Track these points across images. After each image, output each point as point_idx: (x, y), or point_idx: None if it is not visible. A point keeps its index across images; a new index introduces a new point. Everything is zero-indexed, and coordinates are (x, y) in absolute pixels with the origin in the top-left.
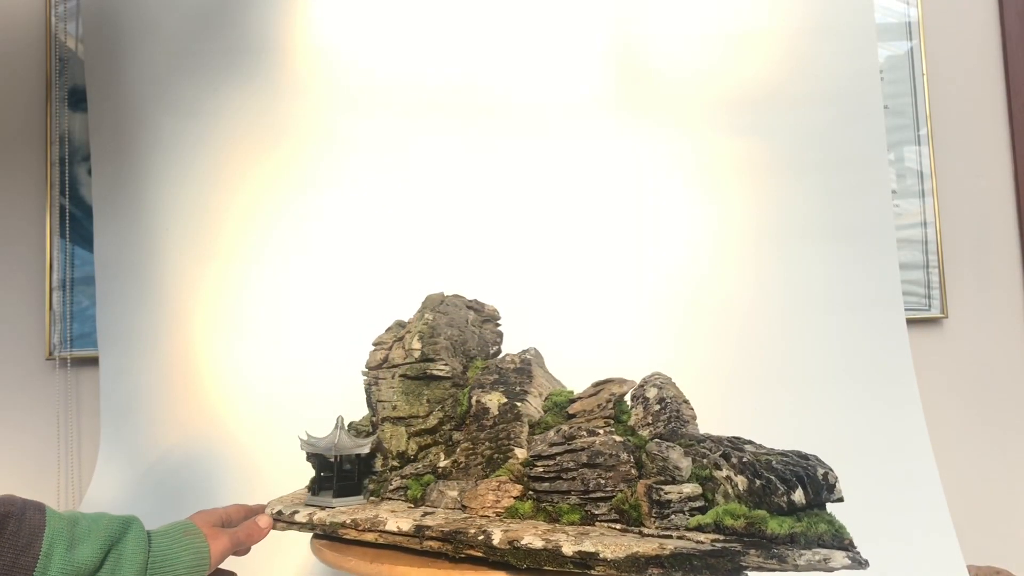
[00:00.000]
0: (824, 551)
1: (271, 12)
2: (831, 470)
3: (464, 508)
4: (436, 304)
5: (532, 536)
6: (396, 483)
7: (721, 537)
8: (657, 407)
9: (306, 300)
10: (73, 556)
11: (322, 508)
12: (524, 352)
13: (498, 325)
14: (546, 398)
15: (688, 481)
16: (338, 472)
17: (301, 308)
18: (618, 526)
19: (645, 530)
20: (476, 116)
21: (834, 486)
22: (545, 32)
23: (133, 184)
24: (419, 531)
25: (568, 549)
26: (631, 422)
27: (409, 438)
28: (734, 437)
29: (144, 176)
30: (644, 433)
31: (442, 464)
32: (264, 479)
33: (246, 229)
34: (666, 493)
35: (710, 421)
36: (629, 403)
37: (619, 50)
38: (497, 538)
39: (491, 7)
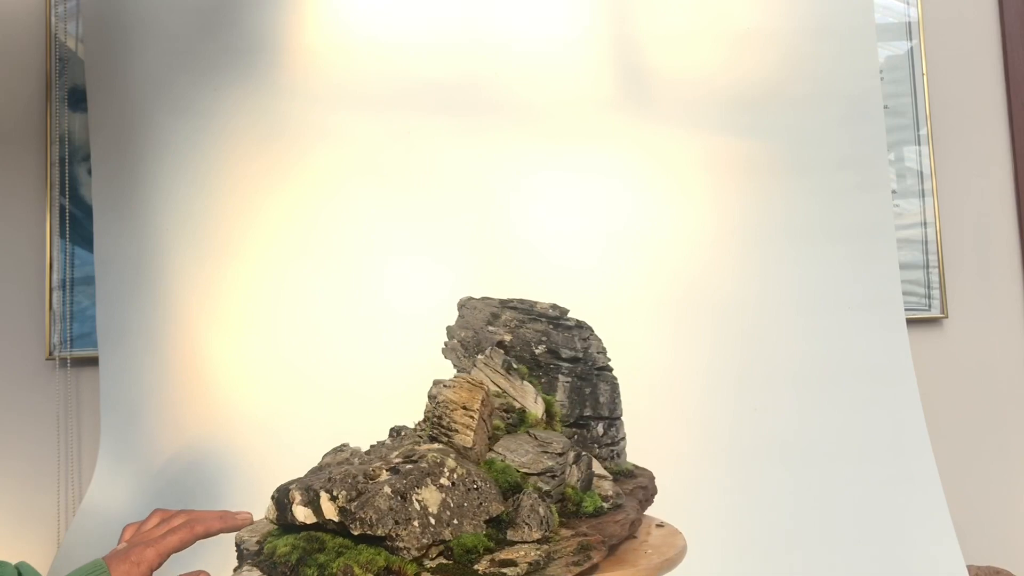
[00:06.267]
0: None
1: (271, 11)
2: (343, 490)
3: None
4: (459, 308)
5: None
6: None
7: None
8: (429, 412)
9: (308, 299)
10: None
11: None
12: (489, 352)
13: (552, 325)
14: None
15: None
16: None
17: (303, 307)
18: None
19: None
20: (475, 114)
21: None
22: (545, 31)
23: (133, 184)
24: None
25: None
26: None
27: None
28: (441, 449)
29: (144, 176)
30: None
31: None
32: (266, 478)
33: (247, 228)
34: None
35: (710, 420)
36: None
37: (619, 50)
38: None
39: (491, 5)
